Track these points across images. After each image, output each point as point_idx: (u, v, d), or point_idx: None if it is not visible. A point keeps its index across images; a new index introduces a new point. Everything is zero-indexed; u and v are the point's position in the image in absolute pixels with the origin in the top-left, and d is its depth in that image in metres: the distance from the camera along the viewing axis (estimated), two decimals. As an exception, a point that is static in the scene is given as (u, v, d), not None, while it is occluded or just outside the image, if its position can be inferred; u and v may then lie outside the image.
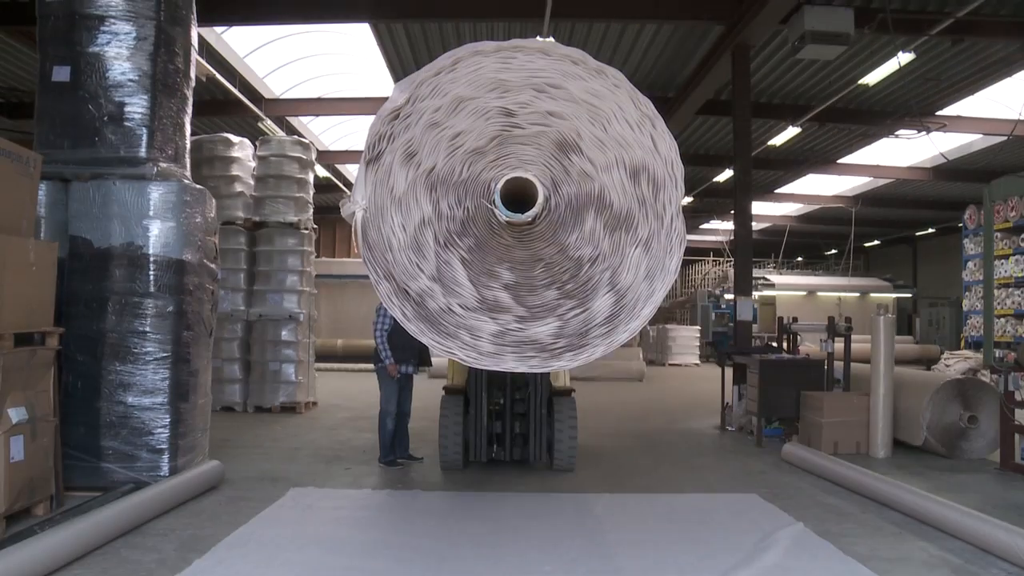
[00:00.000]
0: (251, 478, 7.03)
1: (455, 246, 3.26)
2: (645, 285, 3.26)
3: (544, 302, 3.24)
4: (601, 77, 3.23)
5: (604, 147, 3.26)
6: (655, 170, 3.28)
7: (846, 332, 9.60)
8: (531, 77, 3.22)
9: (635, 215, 3.29)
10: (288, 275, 12.19)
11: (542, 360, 3.19)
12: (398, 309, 3.18)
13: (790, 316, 11.33)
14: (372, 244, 3.18)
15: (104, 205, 6.40)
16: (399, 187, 3.21)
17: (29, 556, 4.17)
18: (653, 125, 3.25)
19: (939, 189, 24.30)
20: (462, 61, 3.20)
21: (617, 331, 3.24)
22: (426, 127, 3.21)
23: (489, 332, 3.19)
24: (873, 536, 5.44)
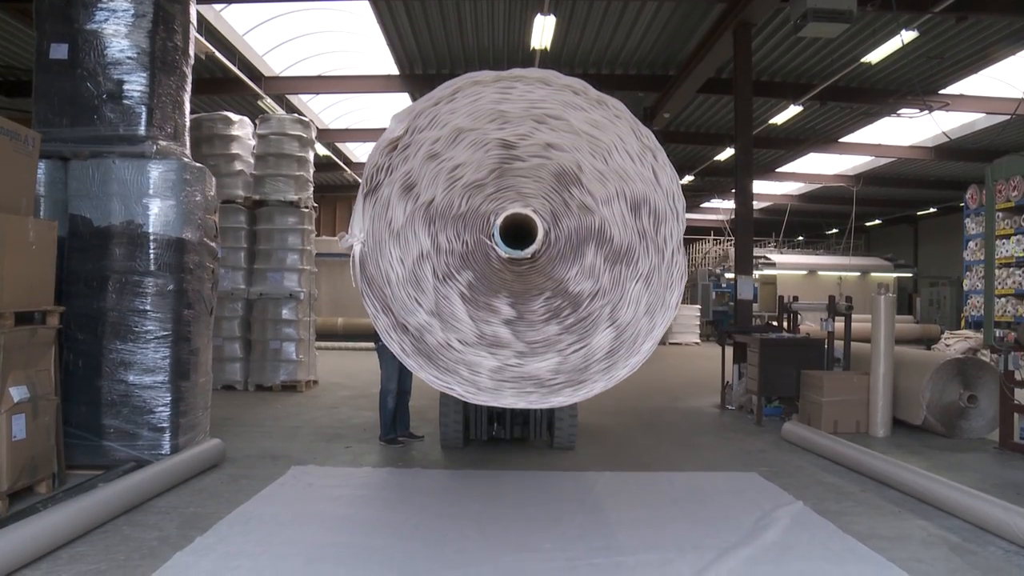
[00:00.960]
0: (252, 456, 7.05)
1: (454, 280, 3.20)
2: (646, 320, 3.21)
3: (544, 337, 3.19)
4: (602, 107, 3.14)
5: (605, 180, 3.19)
6: (656, 203, 3.22)
7: (846, 311, 9.60)
8: (531, 108, 3.14)
9: (636, 249, 3.23)
10: (288, 254, 12.18)
11: (541, 396, 3.14)
12: (396, 344, 3.12)
13: (791, 295, 11.32)
14: (370, 278, 3.12)
15: (103, 183, 6.38)
16: (397, 220, 3.15)
17: (32, 534, 4.19)
18: (655, 157, 3.18)
19: (941, 168, 24.24)
20: (461, 91, 3.12)
21: (617, 366, 3.19)
22: (425, 159, 3.14)
23: (488, 368, 3.14)
24: (872, 514, 5.46)
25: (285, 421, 9.08)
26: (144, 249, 6.38)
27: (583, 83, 3.14)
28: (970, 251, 15.34)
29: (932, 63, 14.73)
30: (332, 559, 4.36)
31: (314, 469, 6.60)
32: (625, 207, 3.19)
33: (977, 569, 4.36)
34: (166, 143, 6.71)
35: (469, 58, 15.46)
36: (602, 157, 3.16)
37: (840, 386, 8.67)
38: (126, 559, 4.30)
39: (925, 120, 16.64)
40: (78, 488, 5.42)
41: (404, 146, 3.09)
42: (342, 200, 30.88)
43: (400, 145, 3.09)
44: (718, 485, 6.25)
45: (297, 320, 11.94)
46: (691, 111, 18.90)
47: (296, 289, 11.99)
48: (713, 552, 4.53)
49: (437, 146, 3.12)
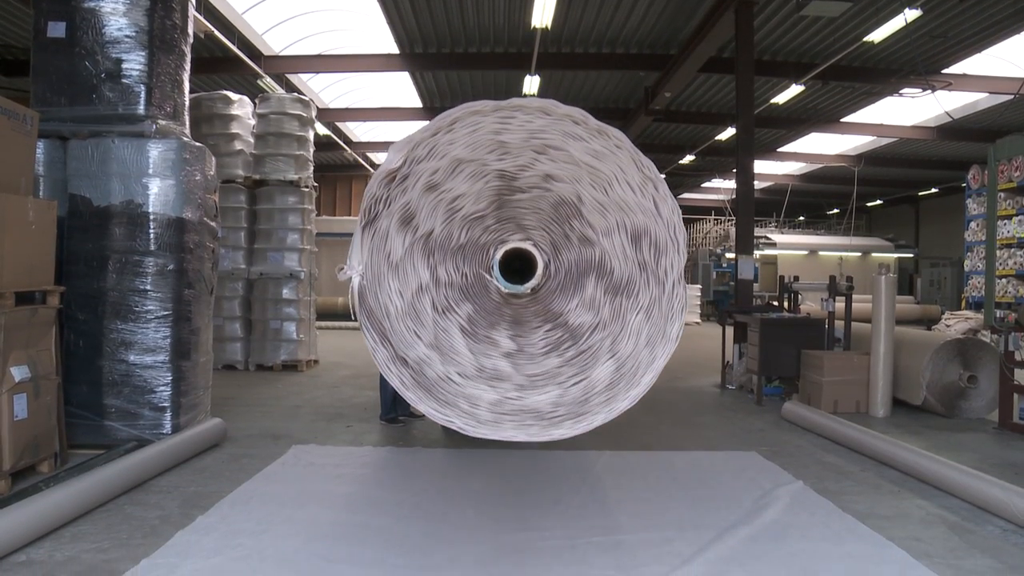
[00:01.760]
0: (253, 436, 7.07)
1: (453, 313, 3.17)
2: (646, 352, 3.18)
3: (544, 370, 3.16)
4: (602, 137, 3.09)
5: (605, 211, 3.15)
6: (657, 234, 3.18)
7: (847, 291, 9.59)
8: (531, 138, 3.08)
9: (636, 281, 3.19)
10: (289, 233, 12.17)
11: (541, 428, 3.11)
12: (396, 377, 3.10)
13: (791, 275, 11.32)
14: (369, 310, 3.09)
15: (103, 163, 6.37)
16: (396, 252, 3.11)
17: (35, 512, 4.21)
18: (655, 188, 3.13)
19: (943, 149, 24.16)
20: (460, 121, 3.06)
21: (617, 399, 3.16)
22: (423, 190, 3.09)
23: (487, 401, 3.11)
24: (872, 494, 5.48)
25: (286, 401, 9.10)
26: (144, 229, 6.37)
27: (583, 112, 3.09)
28: (971, 231, 15.32)
29: (935, 42, 14.64)
30: (333, 537, 4.38)
31: (315, 448, 6.62)
32: (626, 239, 3.16)
33: (975, 548, 4.38)
34: (165, 122, 6.68)
35: (470, 37, 15.39)
36: (602, 188, 3.12)
37: (840, 366, 8.68)
38: (128, 537, 4.32)
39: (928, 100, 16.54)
40: (80, 467, 5.44)
41: (402, 177, 3.05)
42: (342, 179, 30.85)
43: (398, 176, 3.04)
44: (718, 464, 6.26)
45: (298, 300, 11.95)
46: (692, 90, 18.82)
47: (296, 269, 11.98)
48: (713, 531, 4.54)
49: (436, 177, 3.07)
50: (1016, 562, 4.17)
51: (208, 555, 4.06)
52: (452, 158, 3.05)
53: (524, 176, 3.09)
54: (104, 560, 3.97)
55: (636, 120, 19.36)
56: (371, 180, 3.07)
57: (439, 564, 3.97)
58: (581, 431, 3.08)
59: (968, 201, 15.48)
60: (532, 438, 3.06)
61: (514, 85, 18.24)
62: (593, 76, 18.13)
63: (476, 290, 3.16)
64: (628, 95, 19.69)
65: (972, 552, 4.32)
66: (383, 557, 4.03)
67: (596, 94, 19.76)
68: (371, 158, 28.63)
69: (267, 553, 4.12)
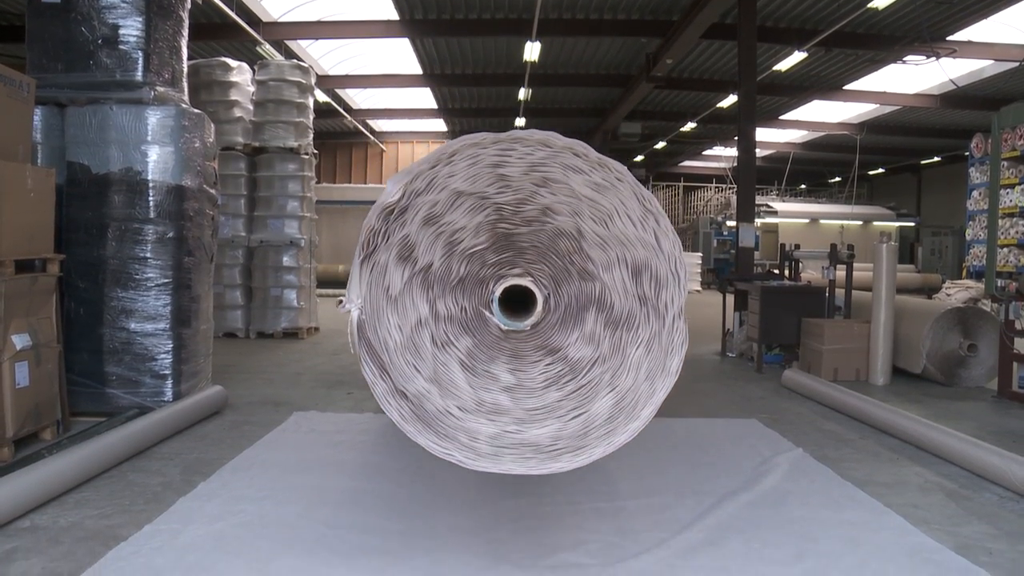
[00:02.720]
0: (254, 403, 7.10)
1: (452, 347, 3.16)
2: (646, 385, 3.16)
3: (543, 404, 3.14)
4: (603, 169, 3.05)
5: (606, 245, 3.12)
6: (658, 269, 3.15)
7: (848, 259, 9.58)
8: (531, 170, 3.04)
9: (636, 315, 3.17)
10: (289, 200, 12.14)
11: (540, 461, 3.10)
12: (395, 410, 3.08)
13: (792, 243, 11.29)
14: (368, 344, 3.08)
15: (101, 130, 6.32)
16: (395, 286, 3.09)
17: (38, 479, 4.23)
18: (657, 221, 3.09)
19: (946, 117, 23.99)
20: (459, 153, 3.02)
21: (616, 432, 3.14)
22: (422, 223, 3.05)
23: (487, 434, 3.10)
24: (871, 461, 5.51)
25: (287, 368, 9.13)
26: (143, 196, 6.35)
27: (584, 145, 3.06)
28: (973, 200, 15.26)
29: (940, 8, 14.49)
30: (334, 503, 4.41)
31: (316, 415, 6.65)
32: (626, 273, 3.14)
33: (972, 515, 4.41)
34: (164, 89, 6.63)
35: (470, 2, 15.23)
36: (603, 222, 3.09)
37: (841, 334, 8.69)
38: (130, 504, 4.35)
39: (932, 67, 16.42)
40: (82, 435, 5.47)
41: (401, 210, 3.02)
42: (342, 147, 30.71)
43: (397, 209, 3.02)
44: (718, 431, 6.29)
45: (298, 267, 11.95)
46: (694, 57, 18.64)
47: (297, 236, 11.97)
48: (713, 497, 4.57)
49: (435, 210, 3.04)
50: (1012, 528, 4.20)
51: (210, 521, 4.08)
52: (451, 191, 3.03)
53: (524, 210, 3.07)
54: (107, 526, 4.00)
55: (637, 87, 19.22)
56: (369, 213, 3.05)
57: (440, 530, 4.00)
58: (580, 464, 3.10)
59: (971, 170, 15.41)
60: (531, 471, 3.08)
61: (515, 52, 18.09)
62: (594, 42, 17.97)
63: (475, 324, 3.16)
64: (629, 61, 19.53)
65: (969, 519, 4.34)
66: (384, 523, 4.06)
67: (597, 60, 19.60)
68: (371, 125, 28.50)
69: (269, 519, 4.14)
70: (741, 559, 3.71)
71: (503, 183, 3.03)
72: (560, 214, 3.07)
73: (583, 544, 3.85)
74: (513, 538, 3.89)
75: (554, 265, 3.13)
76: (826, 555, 3.76)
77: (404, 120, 28.74)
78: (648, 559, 3.66)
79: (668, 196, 36.03)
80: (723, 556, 3.75)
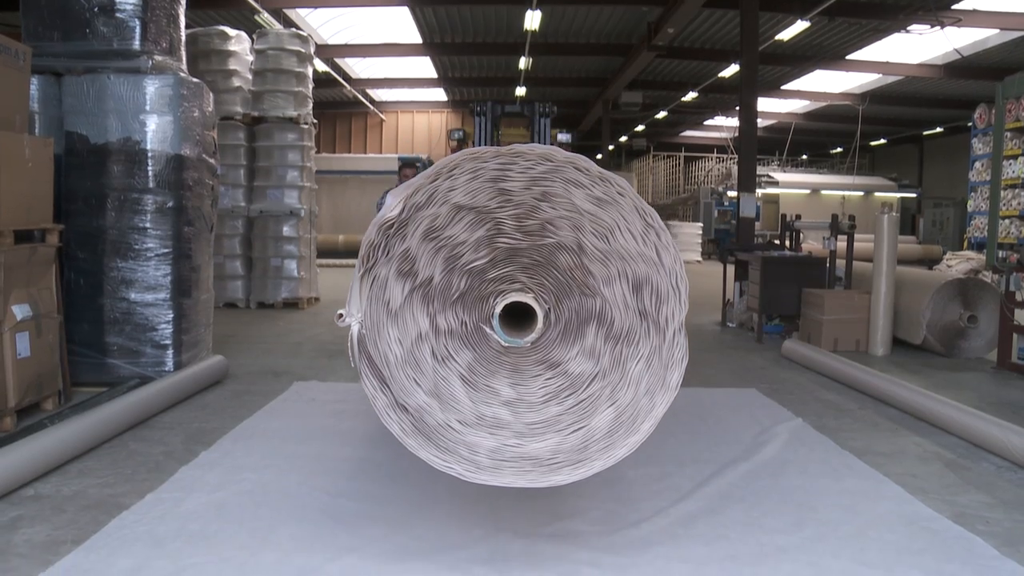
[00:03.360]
0: (255, 372, 7.12)
1: (453, 361, 3.14)
2: (646, 400, 3.15)
3: (543, 419, 3.14)
4: (605, 184, 3.02)
5: (607, 260, 3.09)
6: (659, 284, 3.13)
7: (849, 230, 9.56)
8: (532, 185, 3.01)
9: (637, 330, 3.15)
10: (288, 170, 12.09)
11: (540, 474, 3.10)
12: (396, 424, 3.07)
13: (793, 214, 11.27)
14: (369, 358, 3.07)
15: (99, 100, 6.28)
16: (395, 300, 3.06)
17: (41, 448, 4.25)
18: (658, 236, 3.06)
19: (950, 87, 23.83)
20: (459, 167, 2.99)
21: (616, 446, 3.13)
22: (422, 237, 3.02)
23: (487, 448, 3.10)
24: (870, 431, 5.53)
25: (287, 338, 9.14)
26: (142, 166, 6.32)
27: (586, 160, 3.02)
28: (976, 172, 15.22)
29: (945, -24, 14.37)
30: (335, 472, 4.43)
31: (316, 385, 6.67)
32: (627, 288, 3.12)
33: (969, 484, 4.43)
34: (162, 58, 6.58)
35: (470, -30, 15.11)
36: (604, 237, 3.06)
37: (841, 305, 8.69)
38: (133, 473, 4.37)
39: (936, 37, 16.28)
40: (84, 405, 5.49)
41: (401, 224, 3.00)
42: (342, 117, 30.57)
43: (397, 223, 3.00)
44: (718, 401, 6.31)
45: (298, 237, 11.93)
46: (696, 26, 18.50)
47: (296, 206, 11.94)
48: (712, 466, 4.59)
49: (435, 224, 3.02)
50: (1009, 497, 4.22)
51: (212, 490, 4.10)
52: (452, 205, 3.00)
53: (525, 224, 3.05)
54: (110, 494, 4.02)
55: (638, 56, 19.11)
56: (369, 227, 3.03)
57: (441, 497, 4.02)
58: (579, 477, 3.10)
59: (974, 141, 15.35)
60: (531, 484, 3.08)
61: (515, 20, 17.96)
62: (595, 11, 17.83)
63: (476, 339, 3.15)
64: (630, 30, 19.38)
65: (967, 488, 4.37)
66: (385, 491, 4.08)
67: (598, 29, 19.46)
68: (371, 95, 28.34)
69: (270, 488, 4.16)
70: (741, 527, 3.73)
71: (504, 197, 3.02)
72: (561, 229, 3.06)
73: (583, 512, 3.88)
74: (513, 506, 3.91)
75: (555, 280, 3.12)
76: (825, 523, 3.79)
77: (404, 90, 28.59)
78: (648, 527, 3.69)
79: (669, 166, 35.91)
80: (723, 524, 3.77)
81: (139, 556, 3.29)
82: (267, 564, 3.26)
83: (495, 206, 3.02)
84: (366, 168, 23.88)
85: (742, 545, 3.54)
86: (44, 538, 3.48)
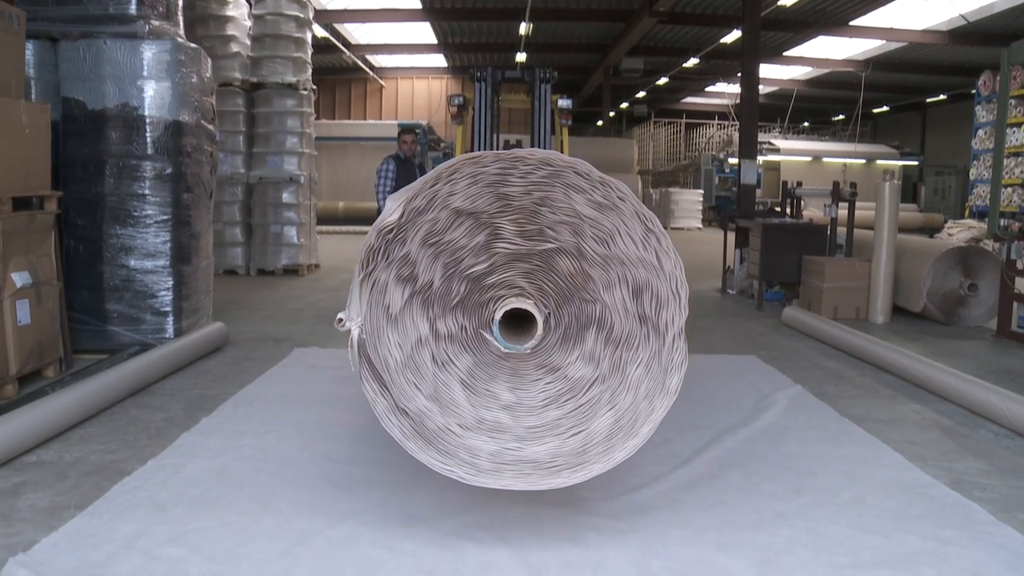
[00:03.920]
0: (255, 339, 7.13)
1: (453, 366, 3.13)
2: (645, 404, 3.14)
3: (543, 423, 3.13)
4: (605, 189, 2.98)
5: (607, 265, 3.06)
6: (659, 289, 3.11)
7: (850, 198, 9.53)
8: (532, 190, 2.98)
9: (636, 335, 3.13)
10: (288, 137, 12.04)
11: (540, 477, 3.09)
12: (396, 427, 3.06)
13: (794, 181, 11.23)
14: (369, 362, 3.05)
15: (96, 65, 6.23)
16: (395, 305, 3.04)
17: (43, 415, 4.26)
18: (658, 241, 3.03)
19: (954, 54, 23.62)
20: (459, 171, 2.95)
21: (615, 449, 3.12)
22: (422, 242, 2.99)
23: (487, 451, 3.09)
24: (869, 398, 5.55)
25: (287, 304, 9.15)
26: (140, 132, 6.28)
27: (587, 164, 2.99)
28: (979, 140, 15.12)
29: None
30: (334, 437, 4.45)
31: (316, 351, 6.68)
32: (627, 292, 3.10)
33: (967, 451, 4.45)
34: (159, 23, 6.51)
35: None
36: (604, 242, 3.04)
37: (841, 272, 8.69)
38: (134, 439, 4.39)
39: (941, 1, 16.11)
40: (85, 371, 5.49)
41: (401, 228, 2.97)
42: (341, 83, 30.38)
43: (397, 228, 2.97)
44: (718, 367, 6.32)
45: (298, 204, 11.90)
46: (699, -9, 18.34)
47: (296, 173, 11.90)
48: (712, 432, 4.61)
49: (435, 229, 2.99)
50: (1006, 464, 4.24)
51: (213, 455, 4.12)
52: (451, 209, 2.98)
53: (524, 229, 3.03)
54: (112, 460, 4.04)
55: (639, 22, 18.93)
56: (369, 232, 3.01)
57: (441, 465, 4.04)
58: (579, 480, 3.11)
59: (977, 108, 15.23)
60: (531, 486, 3.09)
61: (516, -15, 17.77)
62: (597, -25, 17.65)
63: (475, 343, 3.14)
64: (632, -5, 19.20)
65: (965, 455, 4.39)
66: (384, 456, 4.10)
67: (600, -6, 19.27)
68: (370, 61, 28.13)
69: (271, 453, 4.18)
70: (740, 493, 3.76)
71: (504, 202, 3.00)
72: (561, 234, 3.04)
73: (583, 479, 3.89)
74: (513, 473, 3.92)
75: (554, 285, 3.11)
76: (824, 489, 3.81)
77: (404, 55, 28.38)
78: (648, 492, 3.71)
79: (670, 133, 35.73)
80: (722, 490, 3.79)
81: (141, 521, 3.31)
82: (268, 529, 3.28)
83: (495, 211, 3.01)
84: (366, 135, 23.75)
85: (741, 511, 3.56)
86: (47, 503, 3.50)
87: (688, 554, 3.14)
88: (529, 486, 3.09)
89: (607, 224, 3.04)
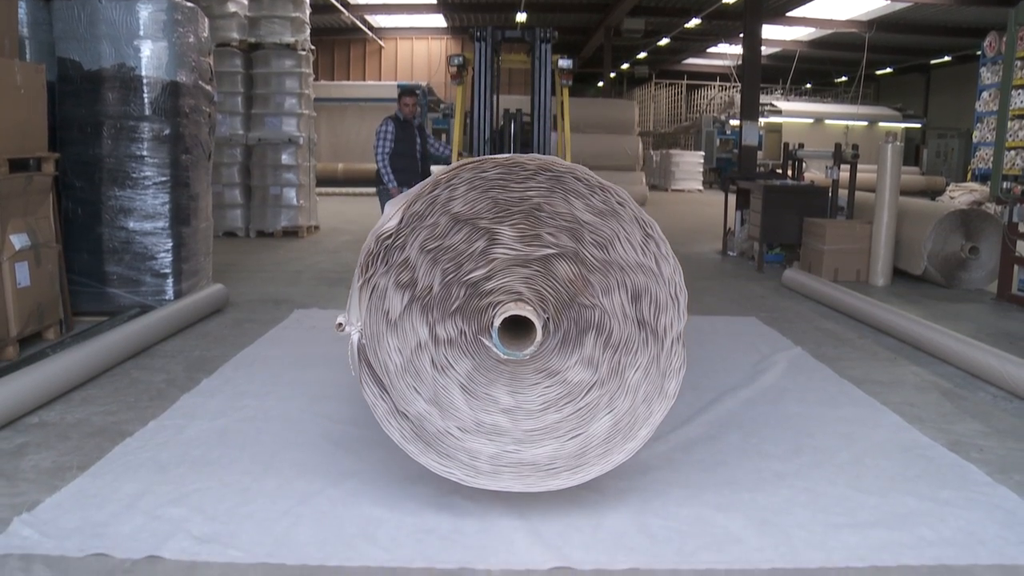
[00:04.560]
0: (255, 301, 7.13)
1: (452, 370, 3.12)
2: (643, 408, 3.13)
3: (542, 426, 3.13)
4: (604, 195, 2.95)
5: (606, 270, 3.04)
6: (658, 294, 3.09)
7: (852, 160, 9.48)
8: (532, 195, 2.95)
9: (635, 340, 3.12)
10: (286, 98, 11.95)
11: (539, 479, 3.10)
12: (396, 430, 3.06)
13: (796, 143, 11.16)
14: (368, 366, 3.04)
15: (91, 25, 6.15)
16: (394, 310, 3.02)
17: (44, 376, 4.28)
18: (658, 246, 3.01)
19: (960, 14, 23.33)
20: (458, 177, 2.92)
21: (613, 452, 3.13)
22: (421, 247, 2.97)
23: (487, 454, 3.10)
24: (868, 360, 5.56)
25: (287, 266, 9.15)
26: (137, 93, 6.23)
27: (585, 169, 2.95)
28: (983, 102, 15.01)
29: None
30: (335, 398, 4.46)
31: (316, 312, 6.69)
32: (626, 298, 3.08)
33: (966, 413, 4.47)
34: (154, -20, 6.43)
35: None
36: (603, 247, 3.02)
37: (842, 234, 8.67)
38: (135, 400, 4.40)
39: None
40: (85, 333, 5.50)
41: (400, 234, 2.94)
42: (340, 43, 30.09)
43: (396, 234, 2.94)
44: (718, 328, 6.33)
45: (297, 165, 11.85)
46: (702, -51, 18.08)
47: (295, 134, 11.83)
48: (712, 393, 4.63)
49: (434, 234, 2.97)
50: (1003, 426, 4.26)
51: (214, 416, 4.14)
52: (451, 215, 2.96)
53: (524, 234, 3.01)
54: (113, 422, 4.06)
55: (642, -19, 18.70)
56: (368, 237, 2.99)
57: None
58: (577, 483, 3.13)
59: (982, 70, 15.11)
60: (530, 488, 3.11)
61: (516, -57, 17.52)
62: (598, -66, 17.40)
63: (475, 348, 3.14)
64: (634, -46, 18.95)
65: (963, 417, 4.40)
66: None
67: (601, -47, 19.02)
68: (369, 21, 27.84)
69: (272, 414, 4.20)
70: (739, 453, 3.78)
71: (503, 207, 2.99)
72: (560, 239, 3.03)
73: (582, 440, 3.91)
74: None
75: (554, 290, 3.10)
76: (822, 450, 3.83)
77: (403, 15, 28.05)
78: (647, 452, 3.72)
79: (671, 94, 35.45)
80: (722, 450, 3.82)
81: (143, 481, 3.33)
82: (269, 489, 3.30)
83: (494, 216, 3.01)
84: (365, 96, 23.56)
85: (740, 471, 3.59)
86: (50, 464, 3.52)
87: (687, 513, 3.17)
88: (528, 488, 3.12)
89: (606, 229, 3.03)
